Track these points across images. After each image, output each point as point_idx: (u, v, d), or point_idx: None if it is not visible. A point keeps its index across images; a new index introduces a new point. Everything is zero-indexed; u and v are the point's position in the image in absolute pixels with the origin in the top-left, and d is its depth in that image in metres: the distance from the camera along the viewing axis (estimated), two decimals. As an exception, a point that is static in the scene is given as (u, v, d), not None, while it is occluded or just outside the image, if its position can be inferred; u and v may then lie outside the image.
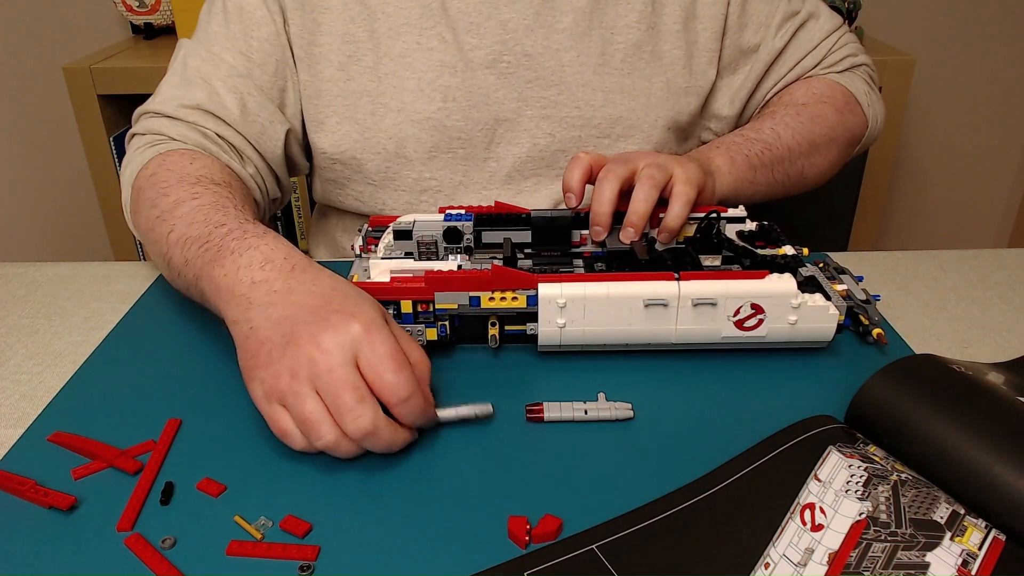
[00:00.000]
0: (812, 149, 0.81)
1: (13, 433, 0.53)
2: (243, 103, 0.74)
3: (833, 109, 0.83)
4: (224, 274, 0.55)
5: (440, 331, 0.58)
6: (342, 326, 0.48)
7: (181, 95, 0.72)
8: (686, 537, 0.43)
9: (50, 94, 1.68)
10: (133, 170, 0.70)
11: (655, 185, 0.63)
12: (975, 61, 1.69)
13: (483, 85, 0.76)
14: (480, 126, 0.77)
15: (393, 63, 0.76)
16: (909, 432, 0.47)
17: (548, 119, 0.78)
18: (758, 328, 0.57)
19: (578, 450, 0.51)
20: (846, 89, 0.85)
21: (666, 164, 0.65)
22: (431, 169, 0.79)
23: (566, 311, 0.56)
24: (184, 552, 0.43)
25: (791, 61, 0.85)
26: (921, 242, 1.88)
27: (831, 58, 0.86)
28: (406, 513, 0.46)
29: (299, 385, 0.47)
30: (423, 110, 0.76)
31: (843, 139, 0.84)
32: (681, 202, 0.63)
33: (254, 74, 0.75)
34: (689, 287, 0.56)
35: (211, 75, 0.74)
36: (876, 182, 1.46)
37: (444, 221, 0.65)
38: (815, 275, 0.61)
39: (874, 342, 0.61)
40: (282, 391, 0.48)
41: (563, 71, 0.77)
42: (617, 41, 0.78)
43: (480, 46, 0.75)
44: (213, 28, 0.76)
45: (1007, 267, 0.75)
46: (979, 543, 0.40)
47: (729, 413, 0.54)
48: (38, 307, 0.70)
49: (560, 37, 0.76)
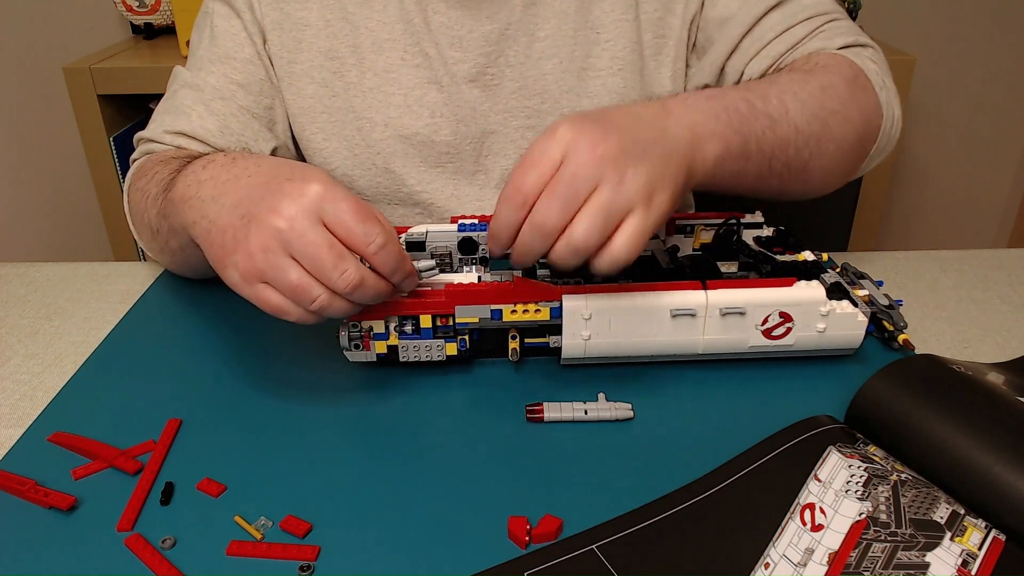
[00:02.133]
0: (824, 130, 0.62)
1: (13, 433, 0.53)
2: (225, 124, 0.73)
3: (843, 80, 0.65)
4: (176, 190, 0.57)
5: (460, 345, 0.57)
6: (298, 191, 0.47)
7: (169, 122, 0.73)
8: (686, 537, 0.43)
9: (50, 94, 1.68)
10: (127, 181, 0.73)
11: (576, 255, 0.48)
12: (975, 61, 1.69)
13: (469, 99, 0.76)
14: (468, 140, 0.77)
15: (378, 78, 0.76)
16: (909, 432, 0.47)
17: (533, 129, 0.77)
18: (786, 337, 0.56)
19: (578, 450, 0.51)
20: (852, 61, 0.68)
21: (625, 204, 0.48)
22: (422, 183, 0.78)
23: (591, 323, 0.55)
24: (184, 552, 0.43)
25: (769, 32, 0.71)
26: (921, 242, 1.88)
27: (824, 33, 0.71)
28: (406, 513, 0.46)
29: (276, 257, 0.47)
30: (410, 126, 0.76)
31: (858, 121, 0.65)
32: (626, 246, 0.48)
33: (238, 95, 0.75)
34: (717, 296, 0.55)
35: (196, 99, 0.74)
36: (876, 182, 1.46)
37: (458, 231, 0.62)
38: (840, 281, 0.60)
39: (899, 348, 0.61)
40: (260, 268, 0.47)
41: (545, 79, 0.75)
42: (604, 40, 0.75)
43: (464, 59, 0.75)
44: (200, 52, 0.77)
45: (1007, 267, 0.75)
46: (979, 543, 0.40)
47: (729, 413, 0.54)
48: (38, 307, 0.70)
49: (542, 45, 0.75)
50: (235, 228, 0.49)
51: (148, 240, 0.70)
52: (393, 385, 0.57)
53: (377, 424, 0.54)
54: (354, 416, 0.54)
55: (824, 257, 0.64)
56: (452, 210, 0.79)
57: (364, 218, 0.47)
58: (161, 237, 0.65)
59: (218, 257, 0.50)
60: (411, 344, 0.56)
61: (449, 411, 0.55)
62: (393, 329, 0.56)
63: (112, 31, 1.63)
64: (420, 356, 0.57)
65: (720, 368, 0.59)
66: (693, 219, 0.66)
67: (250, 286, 0.48)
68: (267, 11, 0.75)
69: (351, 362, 0.58)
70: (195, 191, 0.54)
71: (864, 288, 0.62)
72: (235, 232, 0.49)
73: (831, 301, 0.56)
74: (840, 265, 0.66)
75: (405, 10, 0.75)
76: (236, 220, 0.49)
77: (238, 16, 0.76)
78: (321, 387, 0.57)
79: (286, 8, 0.76)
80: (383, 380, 0.58)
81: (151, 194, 0.64)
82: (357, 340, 0.56)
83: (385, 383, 0.58)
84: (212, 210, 0.51)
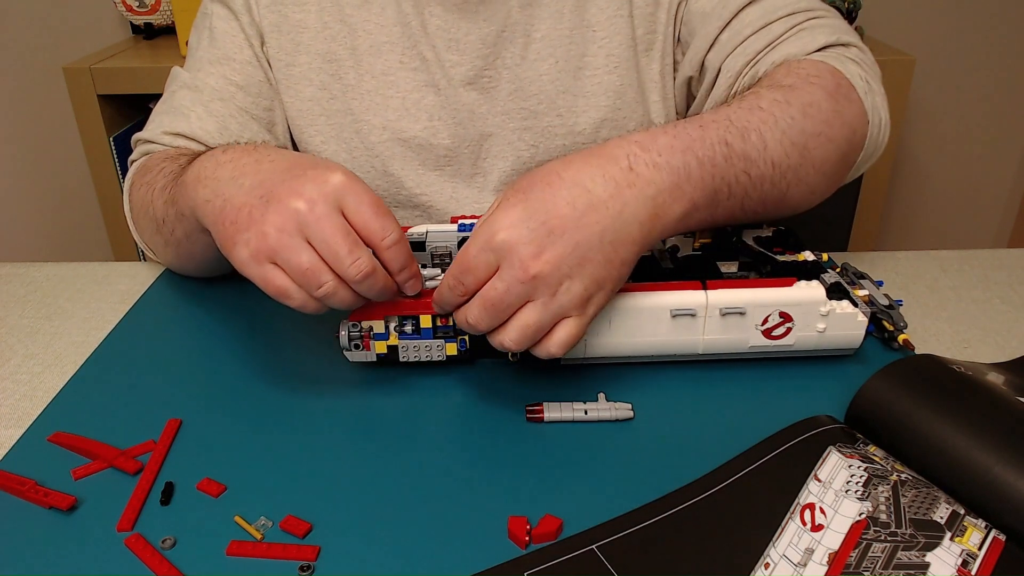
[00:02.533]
0: (803, 158, 0.59)
1: (13, 433, 0.53)
2: (224, 125, 0.73)
3: (824, 93, 0.62)
4: (190, 173, 0.56)
5: (460, 345, 0.57)
6: (322, 178, 0.48)
7: (167, 123, 0.73)
8: (686, 537, 0.43)
9: (50, 94, 1.68)
10: (128, 181, 0.73)
11: (508, 350, 0.50)
12: (975, 61, 1.69)
13: (467, 102, 0.76)
14: (466, 143, 0.77)
15: (376, 80, 0.76)
16: (909, 432, 0.47)
17: (529, 130, 0.76)
18: (786, 337, 0.56)
19: (578, 450, 0.51)
20: (834, 68, 0.64)
21: (554, 317, 0.49)
22: (421, 186, 0.78)
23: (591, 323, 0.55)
24: (184, 552, 0.43)
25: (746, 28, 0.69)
26: (921, 242, 1.88)
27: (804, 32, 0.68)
28: (406, 513, 0.46)
29: (290, 238, 0.47)
30: (408, 129, 0.76)
31: (840, 138, 0.62)
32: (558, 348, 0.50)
33: (236, 97, 0.75)
34: (717, 296, 0.55)
35: (194, 101, 0.74)
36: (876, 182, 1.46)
37: (458, 232, 0.62)
38: (839, 281, 0.59)
39: (899, 348, 0.61)
40: (272, 248, 0.47)
41: (541, 80, 0.75)
42: (600, 38, 0.75)
43: (461, 62, 0.75)
44: (199, 53, 0.77)
45: (1007, 267, 0.75)
46: (979, 543, 0.40)
47: (729, 413, 0.54)
48: (38, 307, 0.70)
49: (538, 46, 0.75)
50: (251, 207, 0.49)
51: (151, 235, 0.69)
52: (393, 385, 0.57)
53: (377, 424, 0.54)
54: (354, 416, 0.55)
55: (824, 257, 0.64)
56: (451, 212, 0.79)
57: (383, 213, 0.49)
58: (166, 227, 0.64)
59: (229, 235, 0.50)
60: (411, 344, 0.56)
61: (449, 411, 0.55)
62: (393, 329, 0.56)
63: (112, 31, 1.63)
64: (420, 356, 0.57)
65: (720, 368, 0.59)
66: None
67: (258, 265, 0.48)
68: (265, 13, 0.75)
69: (351, 362, 0.58)
70: (212, 172, 0.54)
71: (864, 288, 0.62)
72: (251, 210, 0.49)
73: (831, 301, 0.56)
74: (840, 265, 0.66)
75: (402, 12, 0.75)
76: (254, 199, 0.49)
77: (236, 18, 0.76)
78: (321, 387, 0.57)
79: (284, 10, 0.75)
80: (383, 380, 0.58)
81: (158, 186, 0.65)
82: (357, 340, 0.56)
83: (385, 383, 0.58)
84: (229, 189, 0.51)
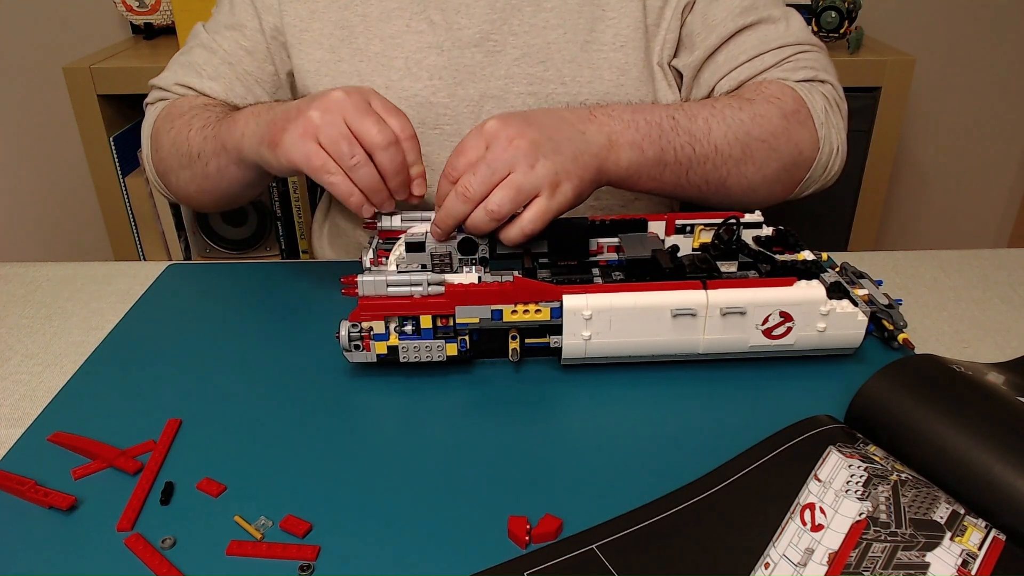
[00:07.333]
0: (744, 155, 0.70)
1: (13, 433, 0.53)
2: (229, 87, 0.81)
3: (779, 113, 0.72)
4: (239, 114, 0.69)
5: (460, 346, 0.57)
6: (356, 87, 0.61)
7: (181, 75, 0.81)
8: (686, 537, 0.43)
9: (50, 94, 1.68)
10: (149, 121, 0.82)
11: (490, 219, 0.58)
12: (975, 61, 1.69)
13: (470, 63, 0.78)
14: (466, 103, 0.79)
15: (382, 43, 0.79)
16: (909, 432, 0.47)
17: (535, 95, 0.78)
18: (786, 336, 0.57)
19: (578, 450, 0.51)
20: (799, 96, 0.74)
21: (533, 187, 0.58)
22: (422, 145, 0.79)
23: (592, 323, 0.55)
24: (184, 552, 0.43)
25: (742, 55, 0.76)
26: (921, 242, 1.88)
27: (790, 64, 0.76)
28: (406, 513, 0.46)
29: (330, 116, 0.59)
30: (409, 88, 0.78)
31: (785, 152, 0.72)
32: (532, 220, 0.58)
33: (244, 61, 0.81)
34: (718, 296, 0.55)
35: (207, 60, 0.81)
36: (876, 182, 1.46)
37: (458, 232, 0.62)
38: (839, 281, 0.59)
39: (899, 347, 0.61)
40: (316, 125, 0.59)
41: (549, 48, 0.77)
42: (608, 17, 0.77)
43: (469, 26, 0.77)
44: (220, 17, 0.83)
45: (1007, 267, 0.75)
46: (979, 543, 0.40)
47: (729, 413, 0.54)
48: (38, 307, 0.70)
49: (548, 15, 0.77)
50: (298, 107, 0.61)
51: (178, 168, 0.77)
52: (393, 385, 0.57)
53: (377, 424, 0.54)
54: (354, 416, 0.55)
55: (824, 257, 0.64)
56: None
57: (402, 113, 0.62)
58: (200, 161, 0.73)
59: (280, 128, 0.61)
60: (411, 345, 0.56)
61: (449, 411, 0.55)
62: (393, 330, 0.56)
63: (112, 31, 1.63)
64: (420, 357, 0.57)
65: (720, 368, 0.59)
66: (693, 219, 0.65)
67: (304, 143, 0.59)
68: None
69: (351, 363, 0.58)
70: (257, 113, 0.67)
71: (864, 288, 0.62)
72: (299, 109, 0.61)
73: (831, 301, 0.56)
74: (840, 265, 0.66)
75: None
76: (303, 104, 0.62)
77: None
78: (321, 387, 0.57)
79: None
80: (383, 380, 0.58)
81: (196, 126, 0.74)
82: (357, 341, 0.56)
83: (385, 383, 0.58)
84: (276, 111, 0.64)
